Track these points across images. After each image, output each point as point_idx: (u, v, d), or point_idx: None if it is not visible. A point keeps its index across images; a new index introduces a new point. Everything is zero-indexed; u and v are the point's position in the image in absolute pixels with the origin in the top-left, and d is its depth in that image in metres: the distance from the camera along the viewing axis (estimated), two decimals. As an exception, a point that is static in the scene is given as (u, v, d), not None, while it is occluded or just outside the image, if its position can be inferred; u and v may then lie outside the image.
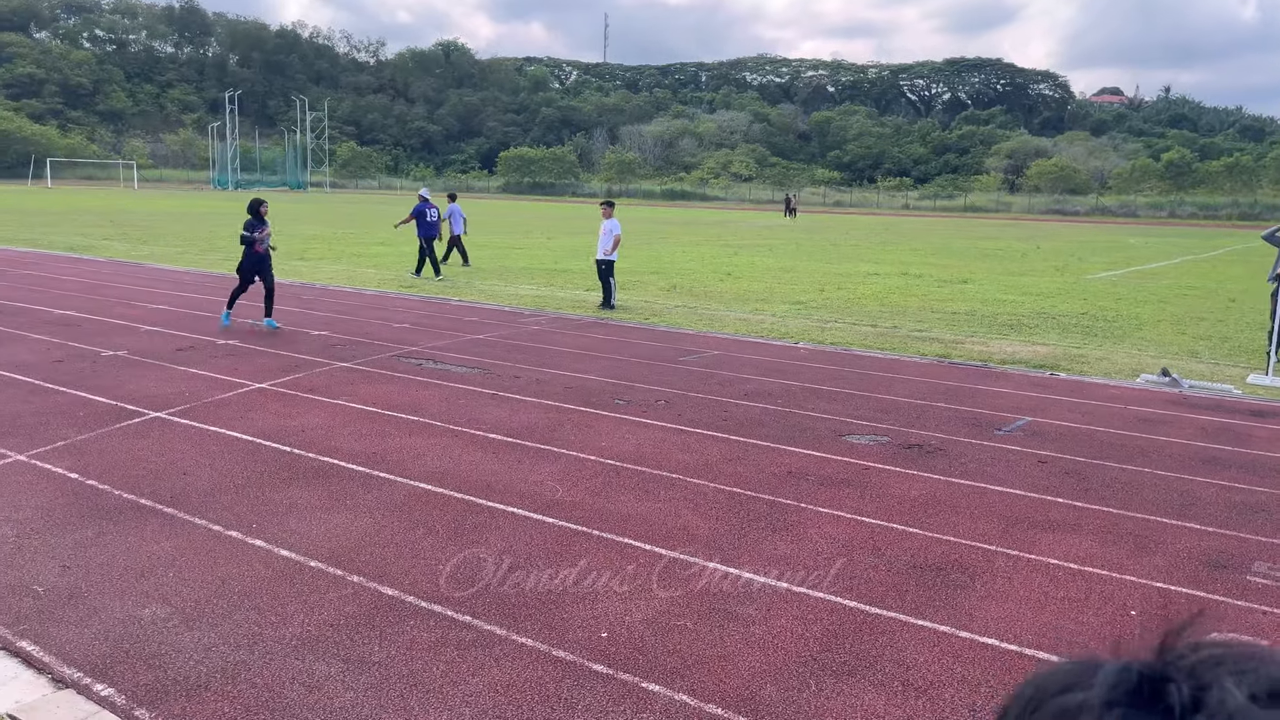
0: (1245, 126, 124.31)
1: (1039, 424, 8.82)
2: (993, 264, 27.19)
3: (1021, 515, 6.24)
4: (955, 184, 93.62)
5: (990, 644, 4.40)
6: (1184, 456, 7.84)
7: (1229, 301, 19.19)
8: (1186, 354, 12.97)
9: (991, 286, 20.90)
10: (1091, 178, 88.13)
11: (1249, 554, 5.67)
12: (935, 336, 13.88)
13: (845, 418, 8.78)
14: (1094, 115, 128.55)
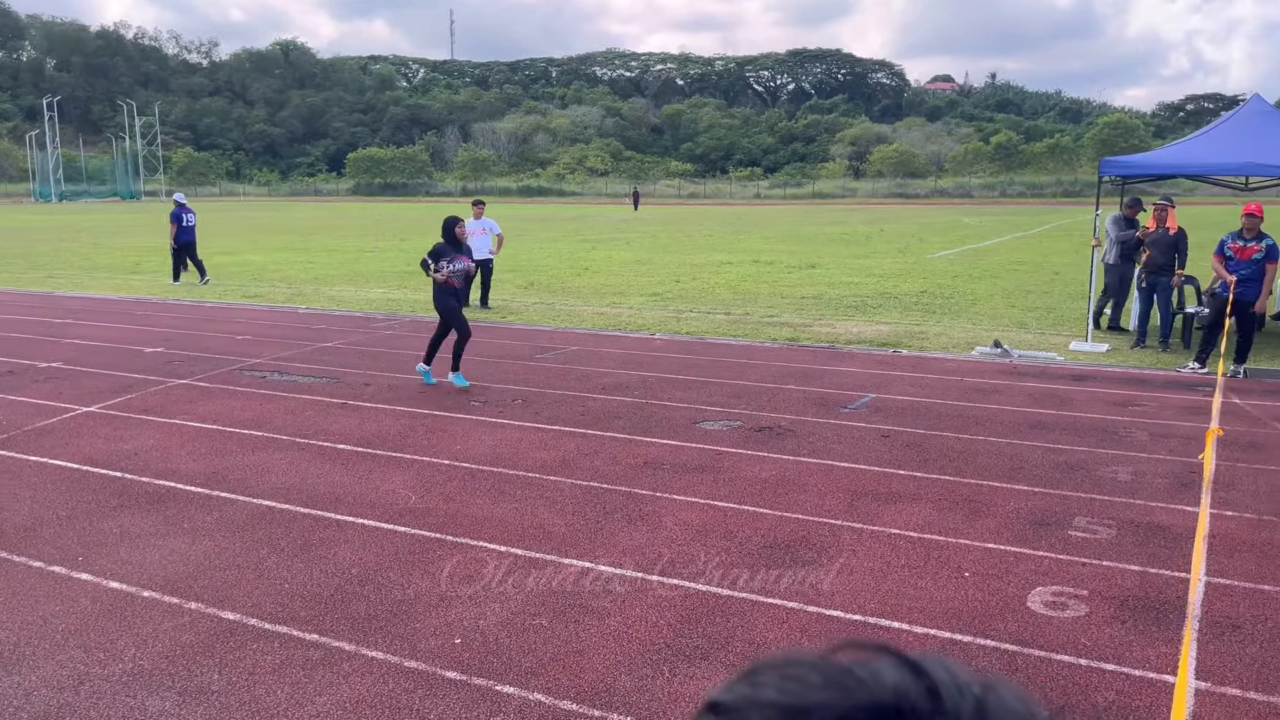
0: (1064, 109, 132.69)
1: (882, 400, 9.19)
2: (839, 248, 28.14)
3: (866, 489, 6.49)
4: (803, 172, 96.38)
5: (836, 615, 4.56)
6: (1013, 422, 8.31)
7: (1054, 274, 20.43)
8: (1016, 325, 13.75)
9: (838, 270, 21.62)
10: (929, 162, 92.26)
11: (1071, 510, 6.06)
12: (785, 321, 14.27)
13: (700, 405, 8.93)
14: (929, 102, 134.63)
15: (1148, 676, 3.98)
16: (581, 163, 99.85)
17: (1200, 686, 3.90)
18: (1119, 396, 9.34)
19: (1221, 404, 8.96)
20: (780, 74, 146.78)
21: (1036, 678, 3.97)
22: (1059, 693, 3.86)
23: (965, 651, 4.19)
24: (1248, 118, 12.84)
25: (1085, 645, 4.25)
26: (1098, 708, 3.72)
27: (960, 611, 4.60)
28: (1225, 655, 4.16)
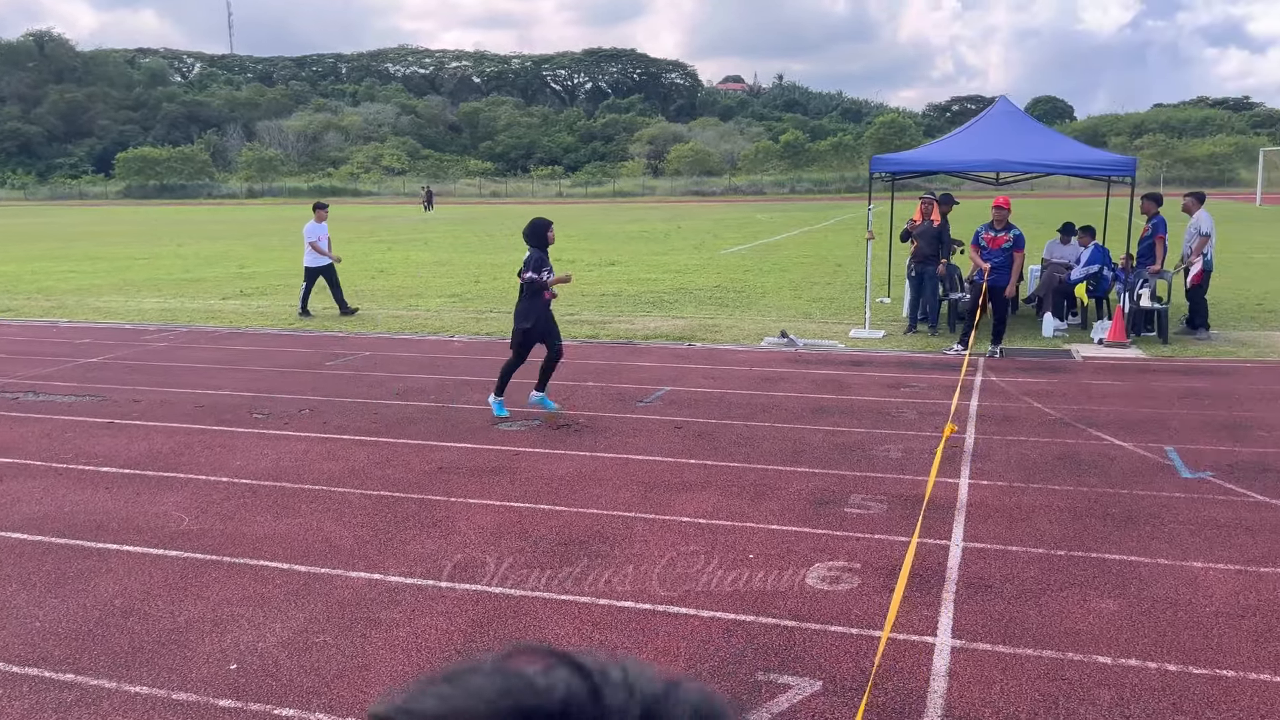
0: (845, 109, 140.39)
1: (676, 392, 9.42)
2: (639, 245, 28.65)
3: (659, 480, 6.64)
4: (604, 170, 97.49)
5: (628, 606, 4.64)
6: (797, 408, 8.72)
7: (836, 266, 21.60)
8: (802, 316, 14.44)
9: (637, 267, 22.01)
10: (724, 160, 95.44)
11: (847, 489, 6.42)
12: (585, 319, 14.38)
13: (497, 406, 8.85)
14: (721, 102, 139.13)
15: (911, 639, 4.27)
16: (377, 161, 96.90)
17: (956, 644, 4.22)
18: (892, 379, 9.98)
19: (980, 382, 9.75)
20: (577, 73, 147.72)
21: (812, 649, 4.18)
22: (832, 661, 4.08)
23: (748, 631, 4.36)
24: (997, 118, 14.01)
25: (857, 615, 4.52)
26: (865, 672, 3.96)
27: (744, 593, 4.78)
28: (978, 614, 4.53)
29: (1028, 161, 12.89)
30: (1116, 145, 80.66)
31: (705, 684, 0.60)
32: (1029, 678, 3.93)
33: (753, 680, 3.94)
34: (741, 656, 4.13)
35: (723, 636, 4.31)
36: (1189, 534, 5.53)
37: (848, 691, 3.84)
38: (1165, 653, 4.13)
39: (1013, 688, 3.86)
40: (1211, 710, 3.68)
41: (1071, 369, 10.48)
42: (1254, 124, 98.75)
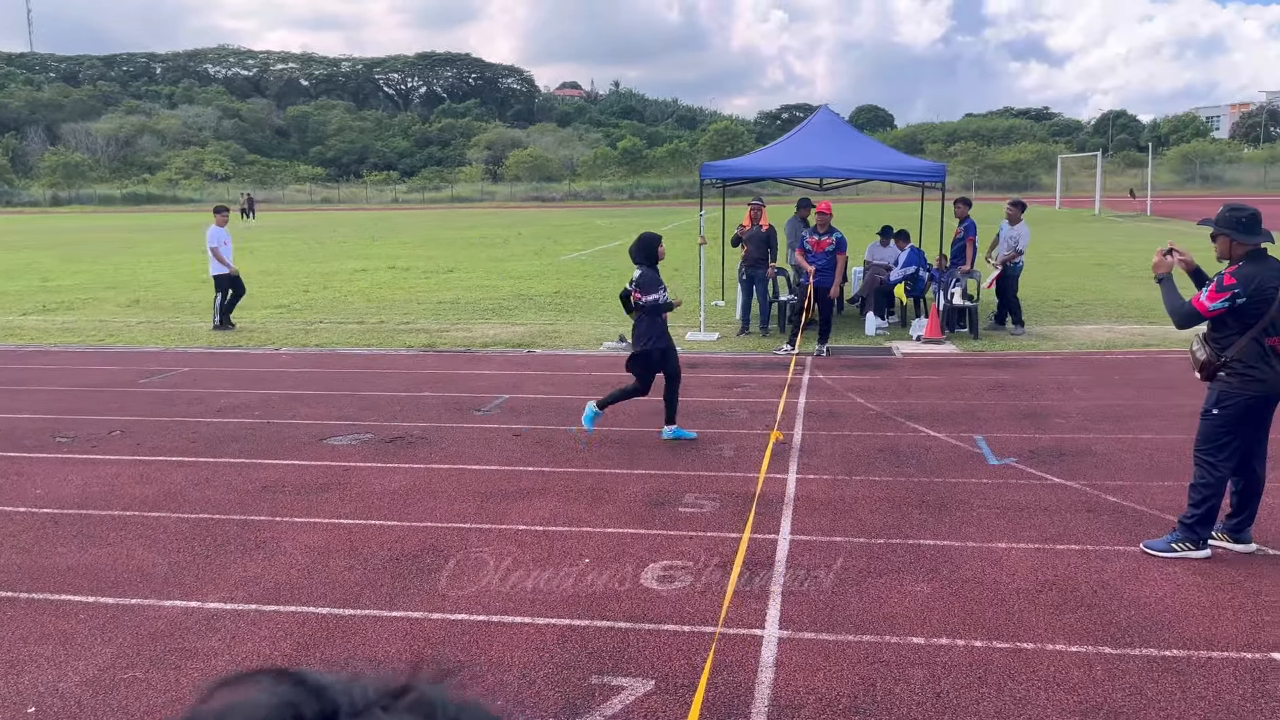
0: (681, 117, 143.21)
1: (516, 400, 9.36)
2: (477, 252, 28.34)
3: (495, 489, 6.58)
4: (441, 176, 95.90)
5: (461, 619, 4.57)
6: (636, 411, 8.81)
7: (674, 270, 21.89)
8: (640, 320, 14.60)
9: (476, 274, 21.76)
10: (563, 166, 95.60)
11: (682, 488, 6.54)
12: (422, 327, 14.11)
13: (328, 420, 8.57)
14: (559, 108, 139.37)
15: (740, 633, 4.39)
16: (198, 167, 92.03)
17: (783, 635, 4.37)
18: (726, 380, 10.24)
19: (808, 380, 10.12)
20: (411, 77, 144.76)
21: (646, 649, 4.24)
22: (665, 660, 4.14)
23: (582, 635, 4.38)
24: (819, 127, 14.60)
25: (689, 613, 4.61)
26: (696, 669, 4.05)
27: (580, 597, 4.79)
28: (804, 604, 4.70)
29: (848, 168, 13.49)
30: (933, 152, 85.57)
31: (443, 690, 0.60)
32: (849, 662, 4.11)
33: (586, 684, 3.96)
34: (576, 661, 4.14)
35: (557, 643, 4.31)
36: (994, 517, 5.91)
37: (679, 689, 3.91)
38: (972, 630, 4.40)
39: (835, 673, 4.02)
40: (1013, 681, 3.95)
41: (892, 365, 11.03)
42: (1053, 132, 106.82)
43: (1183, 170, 77.45)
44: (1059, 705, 3.76)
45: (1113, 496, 6.24)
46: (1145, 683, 3.92)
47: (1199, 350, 5.17)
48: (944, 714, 3.71)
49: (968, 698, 3.82)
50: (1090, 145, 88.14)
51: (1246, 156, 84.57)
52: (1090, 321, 13.76)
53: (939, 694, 3.85)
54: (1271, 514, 5.77)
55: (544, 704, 3.81)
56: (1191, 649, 4.19)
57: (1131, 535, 5.53)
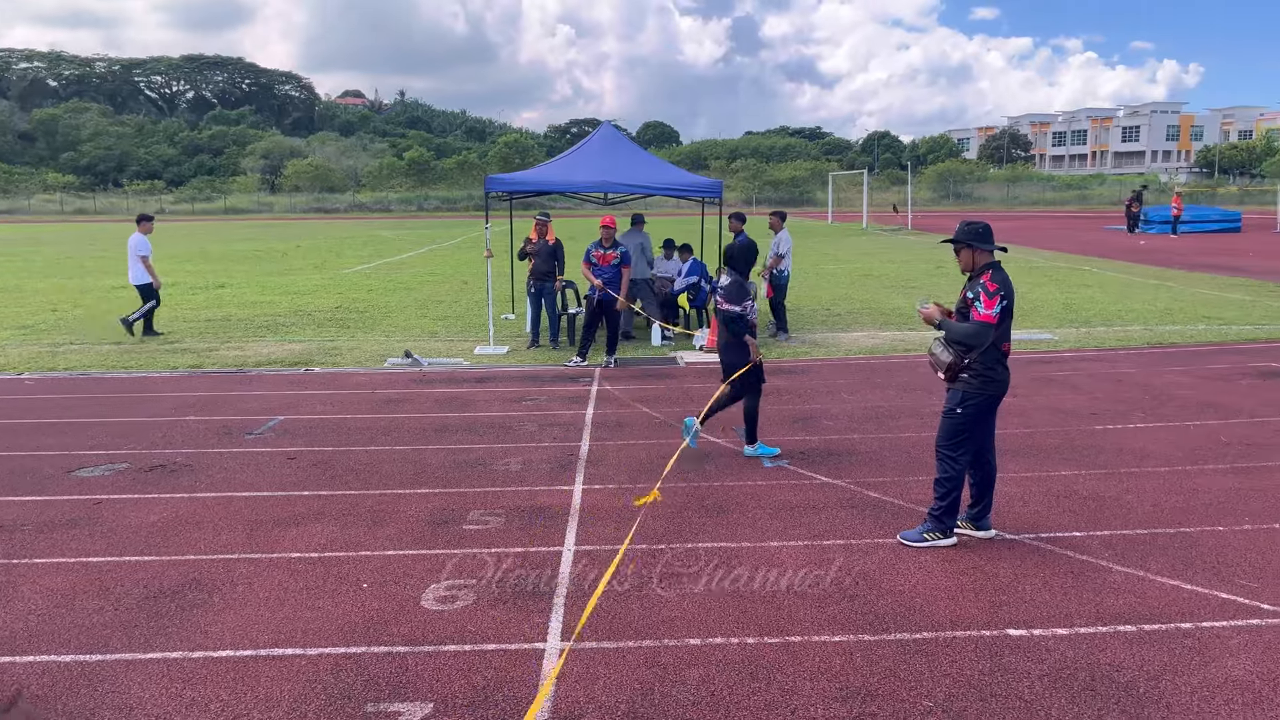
0: (470, 128, 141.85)
1: (291, 421, 8.94)
2: (251, 266, 26.90)
3: (267, 516, 6.25)
4: (213, 186, 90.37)
5: (225, 656, 4.31)
6: (419, 429, 8.63)
7: (463, 284, 21.71)
8: (427, 334, 14.34)
9: (250, 289, 20.65)
10: (347, 176, 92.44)
11: (467, 505, 6.46)
12: (188, 347, 13.23)
13: (77, 450, 7.88)
14: (341, 116, 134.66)
15: (523, 648, 4.38)
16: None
17: (563, 646, 4.39)
18: (515, 393, 10.20)
19: (596, 391, 10.25)
20: (176, 80, 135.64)
21: (425, 672, 4.14)
22: (445, 682, 4.06)
23: (358, 663, 4.23)
24: (603, 142, 14.84)
25: (471, 631, 4.54)
26: (477, 688, 4.00)
27: (357, 624, 4.63)
28: (584, 614, 4.74)
29: (630, 183, 13.76)
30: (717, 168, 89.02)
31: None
32: (629, 668, 4.18)
33: (362, 713, 3.82)
34: (351, 691, 3.99)
35: (331, 673, 4.14)
36: (768, 517, 6.19)
37: (459, 709, 3.84)
38: (745, 628, 4.58)
39: (615, 681, 4.08)
40: (781, 674, 4.14)
41: (676, 374, 11.35)
42: (825, 151, 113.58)
43: (939, 187, 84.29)
44: (822, 693, 3.97)
45: (874, 493, 6.68)
46: (899, 665, 4.21)
47: (943, 353, 5.60)
48: (717, 712, 3.84)
49: (740, 693, 3.97)
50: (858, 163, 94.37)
51: (992, 176, 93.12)
52: (857, 329, 14.69)
53: (713, 693, 3.98)
54: (1008, 502, 6.35)
55: (315, 739, 3.65)
56: (939, 630, 4.54)
57: (891, 528, 5.94)
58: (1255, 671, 4.12)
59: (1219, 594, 4.93)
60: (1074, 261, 26.09)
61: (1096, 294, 18.41)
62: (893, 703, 3.89)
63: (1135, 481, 6.88)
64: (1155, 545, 5.63)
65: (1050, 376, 10.74)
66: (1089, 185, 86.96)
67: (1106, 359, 11.90)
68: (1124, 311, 15.90)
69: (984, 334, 5.37)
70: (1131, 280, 20.90)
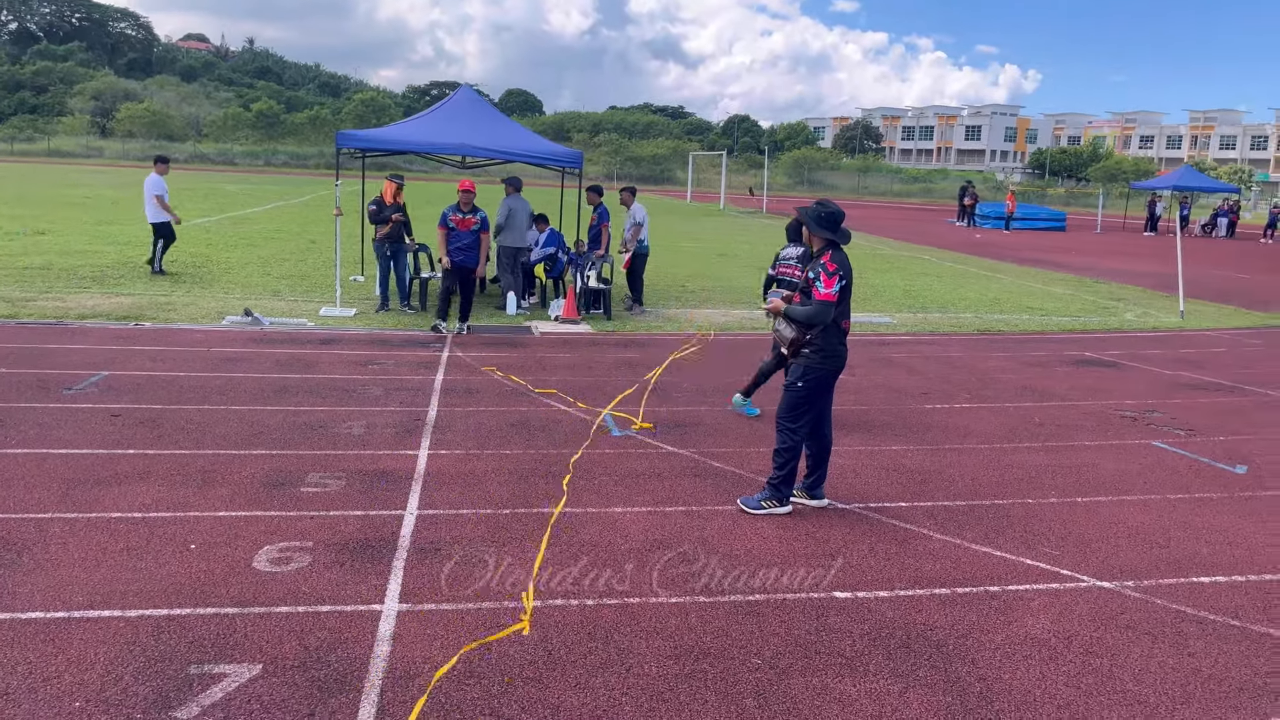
0: (324, 83, 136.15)
1: (117, 377, 8.45)
2: (79, 213, 25.13)
3: (86, 475, 5.90)
4: (35, 125, 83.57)
5: (35, 618, 4.06)
6: (258, 389, 8.31)
7: (310, 243, 20.92)
8: (270, 293, 13.77)
9: (75, 237, 19.29)
10: (187, 124, 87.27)
11: (305, 468, 6.27)
12: (2, 296, 12.27)
13: None
14: (182, 61, 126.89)
15: (359, 609, 4.31)
16: None
17: (402, 608, 4.34)
18: (362, 356, 9.94)
19: (447, 357, 10.11)
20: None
21: (254, 634, 4.02)
22: (275, 643, 3.96)
23: (182, 625, 4.06)
24: (461, 105, 14.57)
25: (305, 593, 4.44)
26: (309, 649, 3.91)
27: (182, 585, 4.44)
28: (426, 576, 4.70)
29: (490, 148, 13.58)
30: (579, 140, 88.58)
31: None
32: (467, 629, 4.18)
33: (184, 675, 3.68)
34: (173, 652, 3.84)
35: (151, 635, 3.96)
36: (613, 484, 6.27)
37: (288, 670, 3.75)
38: (584, 591, 4.64)
39: (452, 641, 4.07)
40: (618, 634, 4.22)
41: (530, 343, 11.31)
42: (687, 130, 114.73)
43: (794, 173, 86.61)
44: (657, 652, 4.08)
45: (717, 462, 6.87)
46: (731, 625, 4.36)
47: (786, 330, 5.80)
48: (554, 670, 3.88)
49: (577, 652, 4.03)
50: (719, 145, 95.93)
51: (844, 165, 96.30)
52: (709, 306, 14.99)
53: (550, 652, 4.03)
54: (841, 474, 6.65)
55: (130, 699, 3.49)
56: (770, 594, 4.73)
57: (730, 496, 6.13)
58: (1052, 630, 4.47)
59: (1025, 560, 5.32)
60: (916, 251, 27.35)
61: (934, 282, 19.38)
62: (724, 661, 4.03)
63: (957, 457, 7.32)
64: (972, 515, 6.01)
65: (887, 358, 11.27)
66: (933, 179, 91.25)
67: (939, 343, 12.57)
68: (957, 300, 16.80)
69: (825, 313, 5.59)
70: (967, 271, 22.09)
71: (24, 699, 3.50)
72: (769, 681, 3.89)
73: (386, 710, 3.54)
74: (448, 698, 3.65)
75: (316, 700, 3.57)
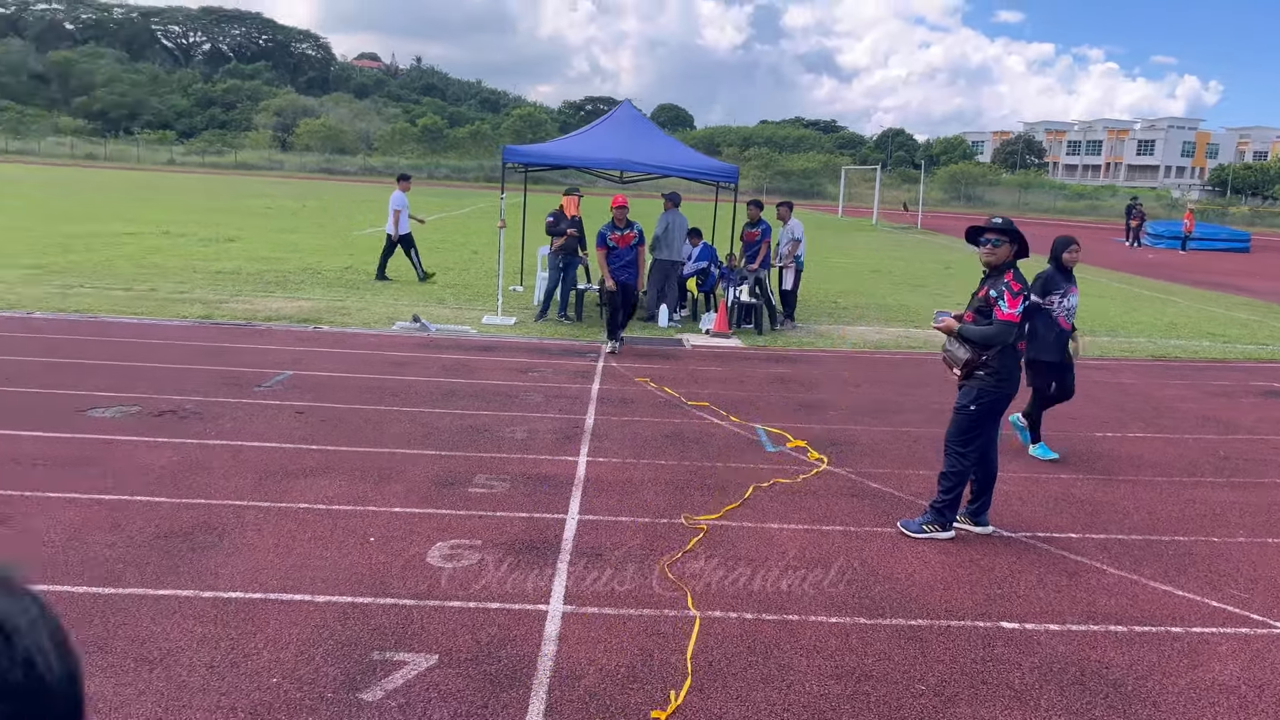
0: (485, 99, 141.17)
1: (300, 376, 9.01)
2: (262, 221, 26.90)
3: (276, 467, 6.33)
4: (224, 140, 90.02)
5: (235, 597, 4.39)
6: (427, 392, 8.71)
7: (472, 253, 21.74)
8: (435, 301, 14.39)
9: (260, 244, 20.67)
10: (359, 139, 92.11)
11: (472, 469, 6.54)
12: (198, 297, 13.28)
13: (89, 391, 7.94)
14: (356, 79, 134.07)
15: (526, 609, 4.47)
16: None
17: (567, 609, 4.48)
18: (522, 364, 10.26)
19: (602, 367, 10.32)
20: (194, 31, 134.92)
21: (430, 626, 4.23)
22: (449, 636, 4.16)
23: (365, 613, 4.32)
24: (621, 121, 14.85)
25: (475, 589, 4.63)
26: (480, 643, 4.08)
27: (363, 575, 4.71)
28: (588, 580, 4.83)
29: (648, 163, 13.80)
30: (729, 155, 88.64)
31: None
32: (630, 635, 4.27)
33: (368, 660, 3.91)
34: (358, 638, 4.08)
35: (338, 620, 4.23)
36: (769, 500, 6.27)
37: (463, 663, 3.93)
38: (744, 604, 4.67)
39: (615, 645, 4.17)
40: (778, 650, 4.23)
41: (682, 356, 11.41)
42: (839, 145, 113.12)
43: (950, 189, 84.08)
44: (818, 670, 4.06)
45: (874, 483, 6.77)
46: (893, 649, 4.30)
47: (959, 350, 5.66)
48: (715, 680, 3.93)
49: (737, 665, 4.06)
50: (871, 159, 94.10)
51: (1005, 180, 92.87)
52: (863, 323, 14.75)
53: (711, 662, 4.07)
54: (1006, 500, 6.43)
55: (321, 679, 3.74)
56: (934, 619, 4.63)
57: (889, 518, 6.03)
58: (1243, 677, 4.21)
59: (1210, 602, 5.02)
60: (1082, 270, 26.09)
61: (1103, 304, 18.46)
62: (886, 684, 3.98)
63: (1132, 489, 6.96)
64: (1150, 551, 5.72)
65: (1053, 382, 10.81)
66: (1101, 196, 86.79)
67: (1110, 368, 11.98)
68: (1129, 323, 15.96)
69: (1007, 333, 5.43)
70: (1139, 293, 20.95)
71: (227, 673, 3.79)
72: (934, 709, 3.82)
73: (555, 708, 3.67)
74: (612, 700, 3.74)
75: (489, 693, 3.73)
